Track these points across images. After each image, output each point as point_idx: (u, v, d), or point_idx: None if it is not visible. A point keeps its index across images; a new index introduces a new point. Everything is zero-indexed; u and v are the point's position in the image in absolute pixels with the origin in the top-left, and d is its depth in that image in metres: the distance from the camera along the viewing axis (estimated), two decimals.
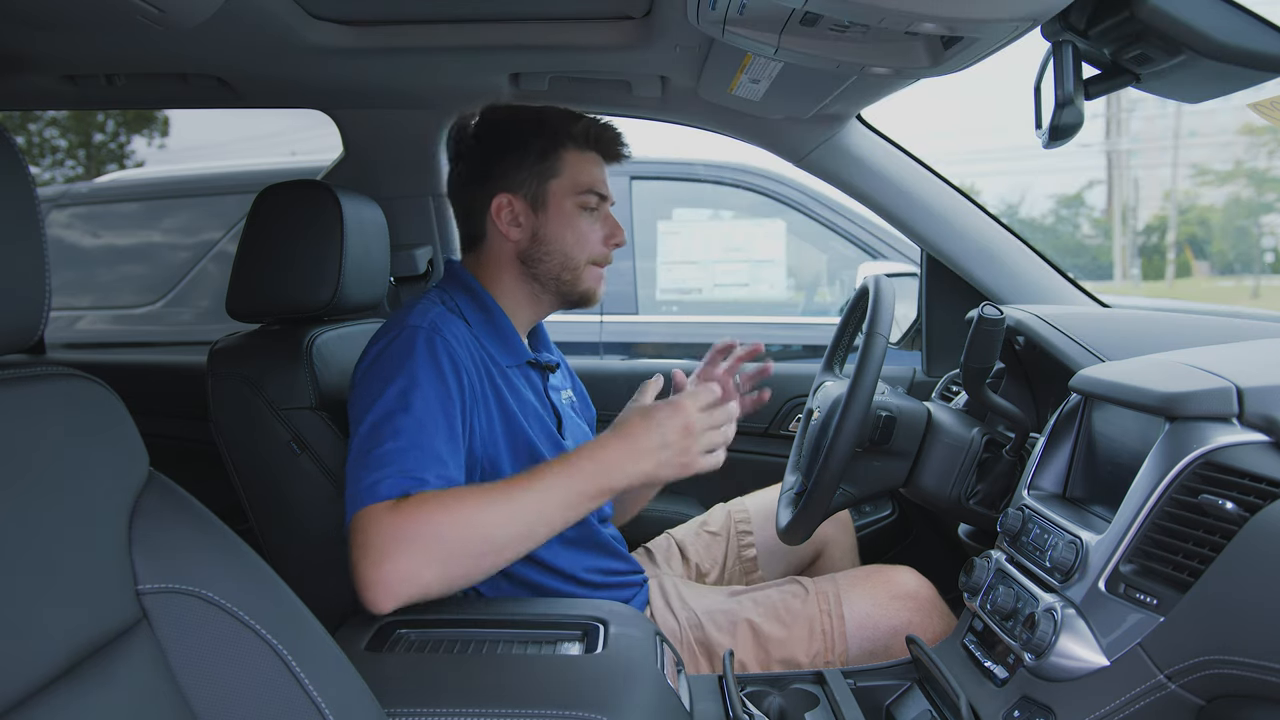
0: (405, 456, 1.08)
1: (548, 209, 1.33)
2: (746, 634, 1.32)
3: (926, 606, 1.33)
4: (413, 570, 1.01)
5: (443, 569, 1.03)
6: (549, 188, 1.33)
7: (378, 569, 1.00)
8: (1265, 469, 0.85)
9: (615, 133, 1.38)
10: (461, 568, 1.04)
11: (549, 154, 1.33)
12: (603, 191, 1.36)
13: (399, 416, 1.11)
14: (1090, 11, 1.02)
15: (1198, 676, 0.83)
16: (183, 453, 1.80)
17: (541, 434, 1.29)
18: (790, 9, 0.98)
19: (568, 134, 1.33)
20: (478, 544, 1.04)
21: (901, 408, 1.39)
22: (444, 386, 1.16)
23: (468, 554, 1.03)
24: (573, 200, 1.33)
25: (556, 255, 1.34)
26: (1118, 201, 26.69)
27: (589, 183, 1.34)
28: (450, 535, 1.02)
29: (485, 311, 1.32)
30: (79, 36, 1.46)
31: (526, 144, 1.33)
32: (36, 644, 0.58)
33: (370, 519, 1.03)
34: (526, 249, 1.34)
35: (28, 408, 0.64)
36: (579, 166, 1.34)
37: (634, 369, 2.42)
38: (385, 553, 1.00)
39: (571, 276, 1.35)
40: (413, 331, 1.20)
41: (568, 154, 1.33)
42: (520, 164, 1.33)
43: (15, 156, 0.62)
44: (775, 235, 3.37)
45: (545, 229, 1.33)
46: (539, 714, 0.89)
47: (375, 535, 1.02)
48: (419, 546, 1.01)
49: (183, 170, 3.36)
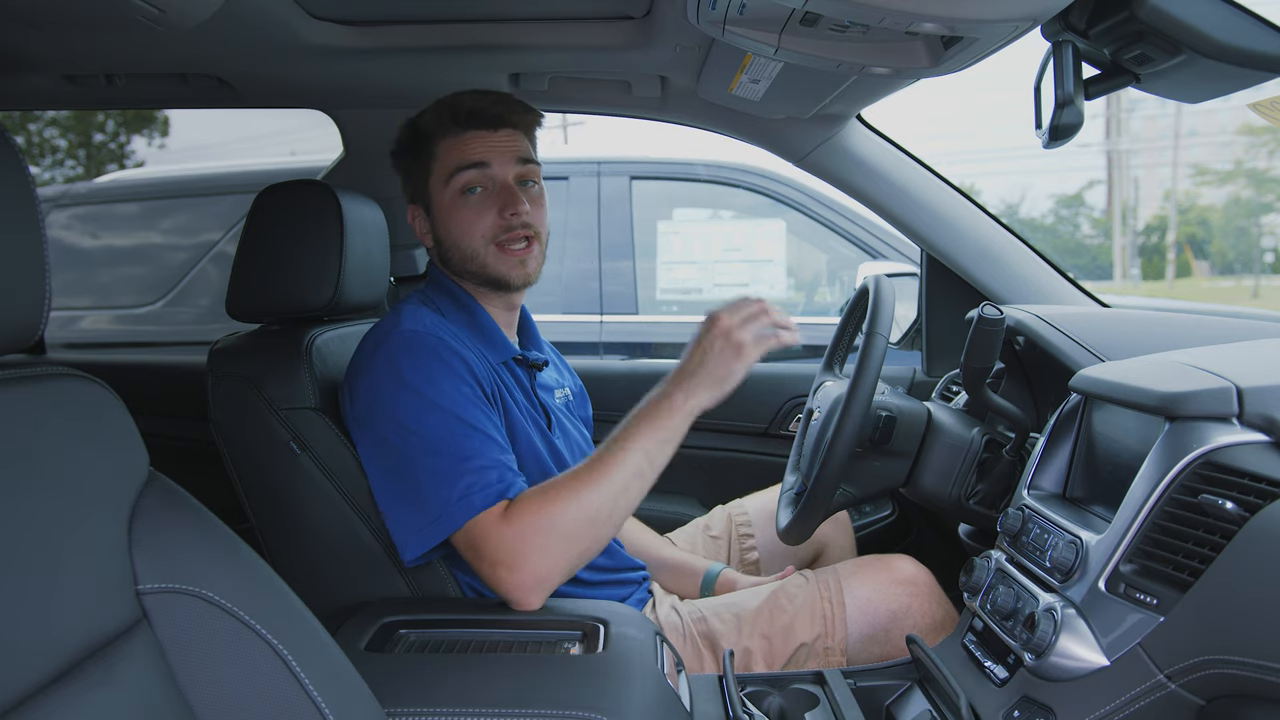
0: (472, 461, 1.13)
1: (433, 208, 1.33)
2: (749, 621, 1.32)
3: (925, 592, 1.34)
4: (545, 568, 1.10)
5: (568, 555, 1.11)
6: (429, 186, 1.32)
7: (514, 577, 1.09)
8: (1265, 469, 0.85)
9: (488, 98, 1.30)
10: (583, 545, 1.13)
11: (423, 151, 1.32)
12: (476, 160, 1.28)
13: (444, 422, 1.15)
14: (1090, 11, 1.02)
15: (1198, 676, 0.83)
16: (183, 453, 1.80)
17: (534, 431, 1.30)
18: (790, 9, 0.98)
19: (434, 122, 1.30)
20: (589, 524, 1.12)
21: (901, 408, 1.39)
22: (465, 384, 1.19)
23: (584, 535, 1.12)
24: (448, 190, 1.30)
25: (456, 250, 1.32)
26: (1118, 201, 26.71)
27: (457, 162, 1.28)
28: (563, 526, 1.10)
29: (466, 311, 1.34)
30: (79, 36, 1.46)
31: (410, 148, 1.34)
32: (37, 644, 0.58)
33: (482, 533, 1.11)
34: (439, 253, 1.36)
35: (28, 407, 0.64)
36: (448, 152, 1.30)
37: (634, 369, 2.42)
38: (514, 563, 1.09)
39: (478, 266, 1.31)
40: (410, 337, 1.21)
41: (439, 145, 1.30)
42: (409, 171, 1.35)
43: (15, 156, 0.62)
44: (775, 235, 3.37)
45: (440, 229, 1.33)
46: (539, 714, 0.89)
47: (498, 548, 1.09)
48: (540, 546, 1.09)
49: (183, 170, 3.36)
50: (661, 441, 1.17)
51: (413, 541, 1.15)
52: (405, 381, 1.17)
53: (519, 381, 1.35)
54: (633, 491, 1.16)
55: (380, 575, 1.23)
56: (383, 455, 1.19)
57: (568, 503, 1.11)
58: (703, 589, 1.56)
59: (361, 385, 1.22)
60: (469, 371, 1.21)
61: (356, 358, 1.26)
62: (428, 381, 1.17)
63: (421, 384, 1.17)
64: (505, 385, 1.29)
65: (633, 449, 1.15)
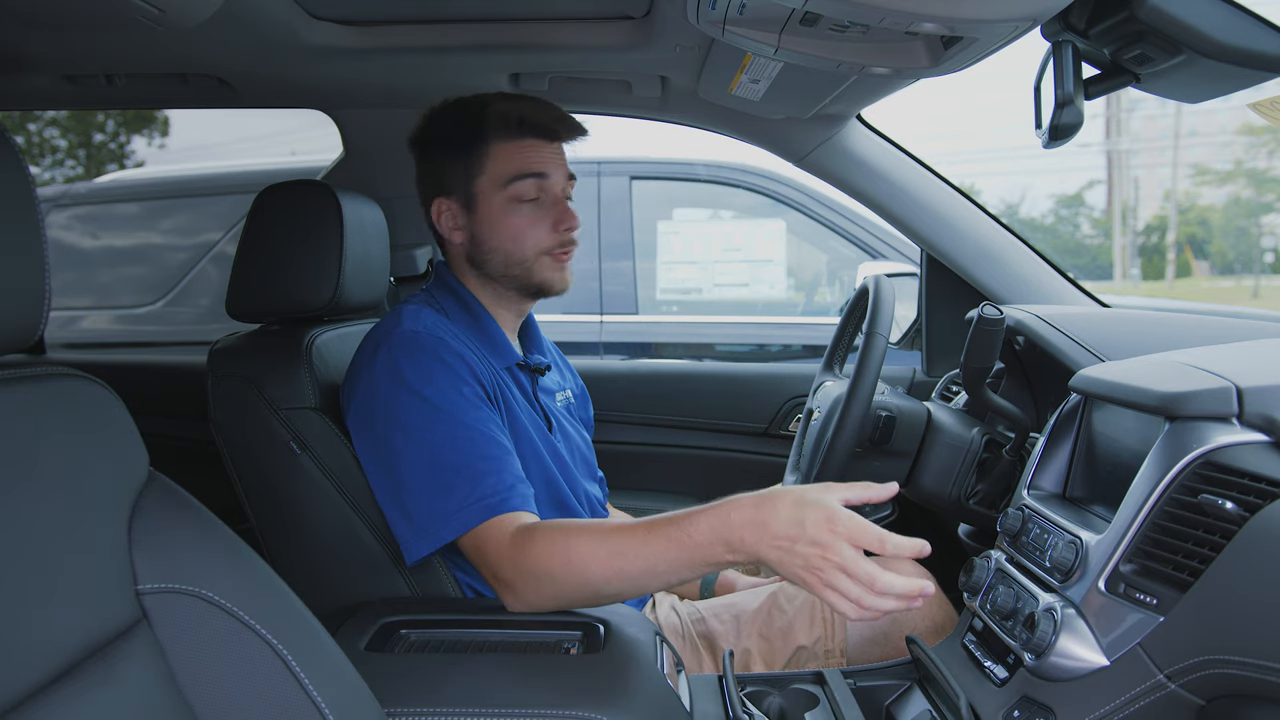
0: (470, 469, 1.13)
1: (478, 209, 1.29)
2: (748, 623, 1.32)
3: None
4: (540, 601, 1.09)
5: (564, 600, 1.09)
6: (476, 186, 1.28)
7: (513, 597, 1.09)
8: (1265, 469, 0.85)
9: (549, 110, 1.30)
10: (580, 601, 1.09)
11: (473, 149, 1.28)
12: (537, 170, 1.28)
13: (443, 427, 1.14)
14: (1090, 11, 1.02)
15: (1198, 676, 0.83)
16: (183, 453, 1.80)
17: (535, 434, 1.30)
18: (790, 9, 0.98)
19: (491, 124, 1.27)
20: (588, 588, 1.07)
21: (901, 408, 1.39)
22: (466, 385, 1.18)
23: (581, 594, 1.08)
24: (502, 195, 1.27)
25: (498, 253, 1.30)
26: (1118, 201, 26.71)
27: (517, 169, 1.27)
28: (564, 579, 1.06)
29: (470, 314, 1.32)
30: (78, 36, 1.46)
31: (451, 142, 1.29)
32: (37, 644, 0.58)
33: (490, 546, 1.10)
34: (470, 251, 1.32)
35: (28, 408, 0.64)
36: (505, 157, 1.27)
37: (634, 369, 2.42)
38: (515, 588, 1.08)
39: (522, 271, 1.30)
40: (410, 338, 1.20)
41: (494, 146, 1.27)
42: (449, 164, 1.29)
43: (15, 156, 0.62)
44: (775, 235, 3.37)
45: (480, 229, 1.29)
46: (539, 714, 0.89)
47: (502, 566, 1.09)
48: (539, 586, 1.07)
49: (183, 170, 3.37)
50: (687, 568, 1.03)
51: (412, 545, 1.15)
52: (406, 382, 1.17)
53: (521, 386, 1.34)
54: (648, 586, 1.06)
55: (380, 575, 1.23)
56: (382, 456, 1.18)
57: (575, 562, 1.05)
58: (702, 590, 1.55)
59: (361, 385, 1.21)
60: (470, 372, 1.20)
61: (357, 357, 1.26)
62: (427, 383, 1.16)
63: (421, 385, 1.16)
64: (507, 388, 1.29)
65: (666, 555, 1.02)
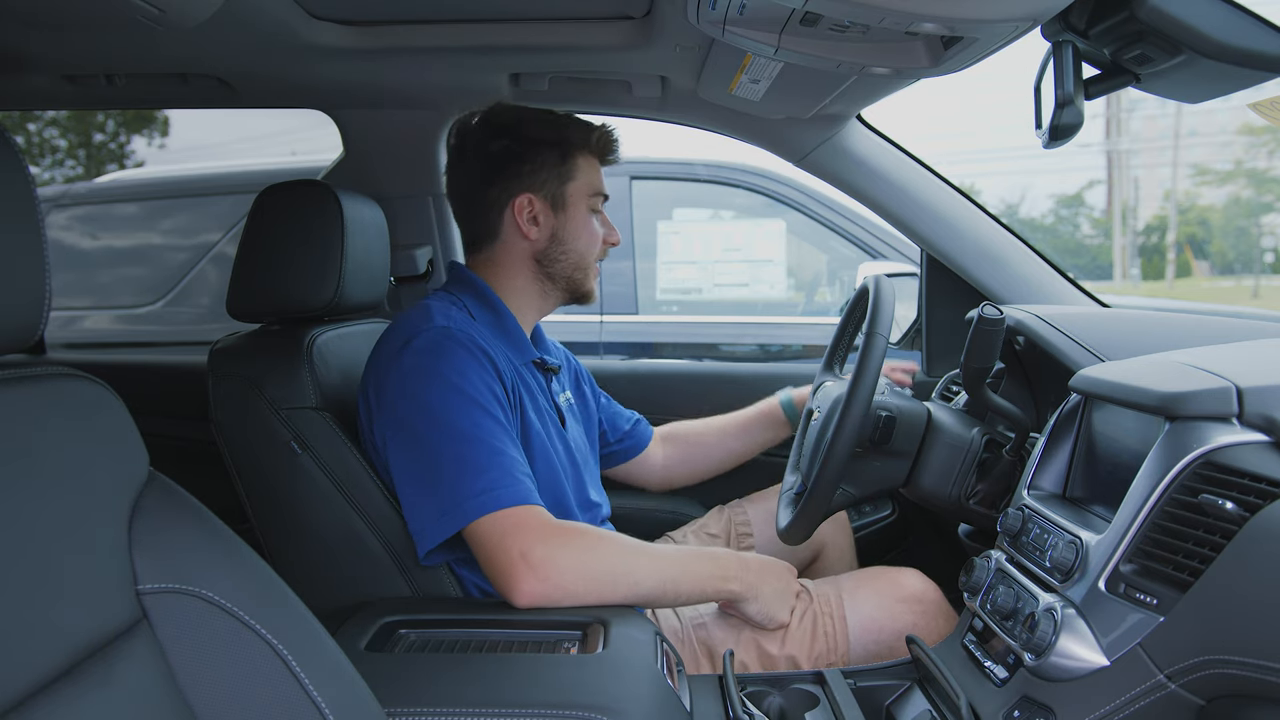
0: (501, 456, 1.17)
1: (567, 210, 1.40)
2: (749, 633, 1.32)
3: (932, 610, 1.32)
4: (558, 585, 1.13)
5: (582, 586, 1.14)
6: (567, 190, 1.40)
7: (533, 578, 1.12)
8: (1265, 469, 0.85)
9: (617, 139, 1.47)
10: (595, 595, 1.15)
11: (567, 157, 1.40)
12: (603, 189, 1.45)
13: (475, 414, 1.18)
14: (1090, 11, 1.02)
15: (1198, 676, 0.83)
16: (183, 453, 1.80)
17: (550, 429, 1.35)
18: (790, 9, 0.98)
19: (583, 139, 1.41)
20: (611, 577, 1.16)
21: (901, 408, 1.39)
22: (495, 383, 1.23)
23: (601, 585, 1.15)
24: (586, 202, 1.42)
25: (572, 255, 1.41)
26: (1118, 201, 26.72)
27: (598, 186, 1.43)
28: (595, 567, 1.15)
29: (494, 312, 1.37)
30: (78, 36, 1.46)
31: (547, 146, 1.39)
32: (36, 644, 0.58)
33: (530, 524, 1.14)
34: (544, 248, 1.40)
35: (28, 408, 0.64)
36: (589, 171, 1.42)
37: (634, 369, 2.42)
38: (541, 569, 1.12)
39: (582, 275, 1.43)
40: (443, 333, 1.24)
41: (581, 158, 1.41)
42: (542, 165, 1.39)
43: (15, 156, 0.62)
44: (775, 235, 3.37)
45: (564, 229, 1.40)
46: (539, 714, 0.90)
47: (534, 546, 1.12)
48: (567, 565, 1.13)
49: (183, 170, 3.36)
50: (702, 585, 1.24)
51: (430, 529, 1.16)
52: (440, 374, 1.20)
53: (537, 382, 1.39)
54: (662, 599, 1.22)
55: (380, 575, 1.23)
56: (409, 443, 1.20)
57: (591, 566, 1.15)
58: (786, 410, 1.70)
59: (390, 378, 1.24)
60: (495, 372, 1.25)
61: (382, 351, 1.28)
62: (462, 376, 1.21)
63: (457, 378, 1.20)
64: (525, 385, 1.33)
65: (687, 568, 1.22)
